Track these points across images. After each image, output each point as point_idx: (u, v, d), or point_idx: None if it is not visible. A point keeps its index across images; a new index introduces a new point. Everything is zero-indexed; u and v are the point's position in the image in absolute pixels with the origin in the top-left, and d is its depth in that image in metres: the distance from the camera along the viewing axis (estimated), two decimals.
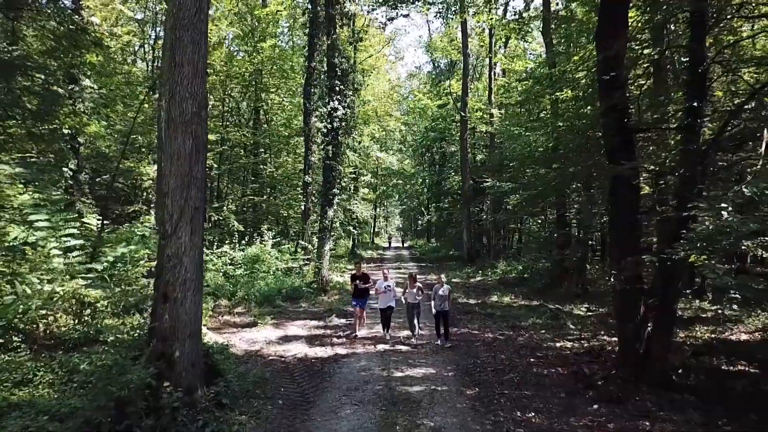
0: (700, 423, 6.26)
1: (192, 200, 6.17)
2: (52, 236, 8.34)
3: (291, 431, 6.07)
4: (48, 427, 5.48)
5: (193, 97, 6.18)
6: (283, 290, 15.89)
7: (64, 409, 5.90)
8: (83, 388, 7.01)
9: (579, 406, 7.00)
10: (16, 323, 8.61)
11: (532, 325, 12.39)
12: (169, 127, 6.22)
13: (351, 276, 11.68)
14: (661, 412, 6.60)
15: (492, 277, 22.11)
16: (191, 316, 6.19)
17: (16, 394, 6.67)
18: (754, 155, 6.58)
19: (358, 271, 11.35)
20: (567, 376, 8.33)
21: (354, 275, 11.40)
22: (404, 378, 8.11)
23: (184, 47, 6.15)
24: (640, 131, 7.69)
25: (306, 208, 19.28)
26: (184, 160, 6.13)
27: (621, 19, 7.65)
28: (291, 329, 11.60)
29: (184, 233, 6.10)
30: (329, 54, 17.84)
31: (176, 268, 6.08)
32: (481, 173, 26.81)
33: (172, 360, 5.98)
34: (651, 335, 7.60)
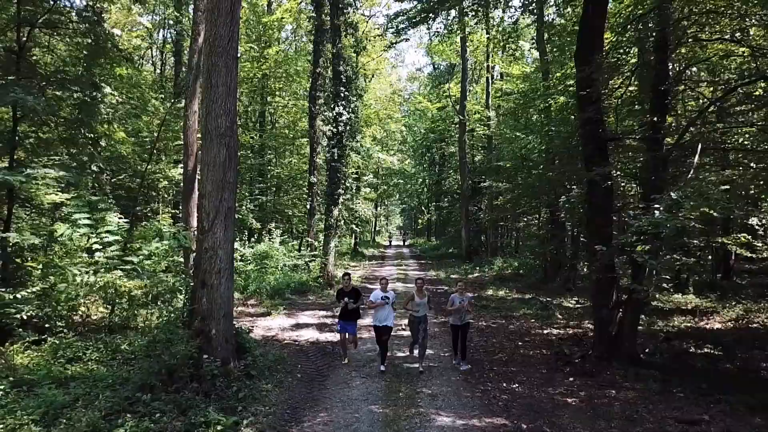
0: (657, 391, 7.34)
1: (226, 201, 7.25)
2: (92, 233, 9.42)
3: (309, 398, 7.15)
4: (106, 392, 6.57)
5: (227, 114, 7.26)
6: (291, 284, 16.98)
7: (116, 379, 7.02)
8: (127, 363, 8.14)
9: (557, 379, 8.09)
10: (59, 310, 9.71)
11: (523, 315, 13.50)
12: (206, 139, 7.30)
13: (337, 292, 9.19)
14: (626, 383, 7.70)
15: (489, 273, 23.16)
16: (225, 300, 7.29)
17: (69, 369, 7.77)
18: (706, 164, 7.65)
19: (347, 285, 8.95)
20: (549, 356, 9.42)
21: (341, 290, 8.97)
22: (405, 357, 9.19)
23: (218, 71, 7.23)
24: (612, 140, 8.76)
25: (311, 207, 20.35)
26: (219, 167, 7.21)
27: (597, 43, 8.72)
28: (302, 318, 12.69)
29: (219, 229, 7.18)
30: (335, 62, 18.90)
31: (212, 259, 7.17)
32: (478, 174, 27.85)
33: (209, 336, 7.08)
34: (622, 319, 8.69)
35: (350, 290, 8.87)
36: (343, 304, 8.71)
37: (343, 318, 8.81)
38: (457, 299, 8.48)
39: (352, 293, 8.80)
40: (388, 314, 8.39)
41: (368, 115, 30.49)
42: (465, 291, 8.82)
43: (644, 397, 7.12)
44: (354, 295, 8.77)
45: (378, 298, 8.44)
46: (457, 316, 8.45)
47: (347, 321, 8.80)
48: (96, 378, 7.11)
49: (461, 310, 8.39)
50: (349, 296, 8.70)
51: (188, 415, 5.96)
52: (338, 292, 9.10)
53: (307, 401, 6.95)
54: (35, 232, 9.66)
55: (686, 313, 13.99)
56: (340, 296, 8.89)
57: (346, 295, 8.76)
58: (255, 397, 6.81)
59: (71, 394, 6.47)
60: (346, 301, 8.68)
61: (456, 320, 8.48)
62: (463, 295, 8.58)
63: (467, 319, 8.61)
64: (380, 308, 8.32)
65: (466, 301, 8.56)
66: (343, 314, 8.79)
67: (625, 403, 6.94)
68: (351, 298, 8.69)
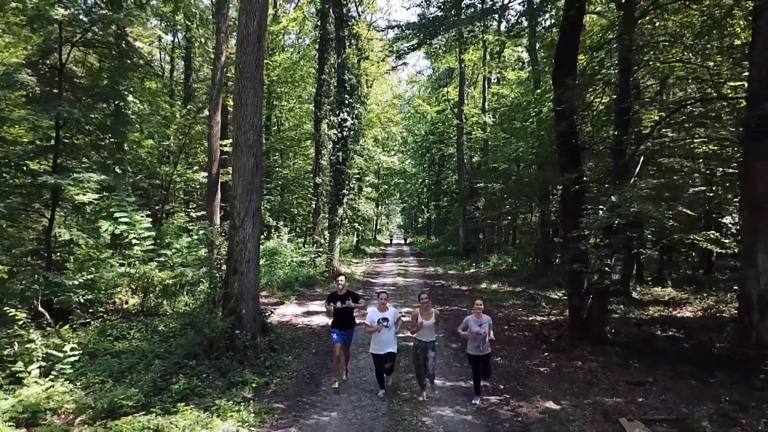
0: (617, 363, 8.70)
1: (253, 202, 8.62)
2: (131, 229, 10.78)
3: (324, 368, 8.51)
4: (156, 360, 7.94)
5: (254, 129, 8.62)
6: (299, 278, 18.35)
7: (161, 352, 8.39)
8: (165, 341, 9.49)
9: (534, 354, 9.46)
10: (100, 297, 11.08)
11: (512, 304, 14.86)
12: (236, 150, 8.66)
13: (329, 296, 7.74)
14: (591, 357, 9.06)
15: (484, 269, 24.51)
16: (252, 285, 8.66)
17: (117, 345, 9.14)
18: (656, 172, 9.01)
19: (340, 289, 7.66)
20: (530, 337, 10.79)
21: (333, 295, 7.67)
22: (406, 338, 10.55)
23: (247, 92, 8.58)
24: (583, 149, 10.10)
25: (317, 207, 21.73)
26: (247, 173, 8.58)
27: (571, 66, 10.06)
28: (312, 307, 14.06)
29: (248, 226, 8.55)
30: (339, 72, 20.25)
31: (242, 251, 8.54)
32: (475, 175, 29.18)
33: (240, 315, 8.45)
34: (591, 305, 10.04)
35: (344, 294, 7.56)
36: (335, 309, 7.42)
37: (338, 325, 7.44)
38: (473, 323, 6.85)
39: (346, 298, 7.52)
40: (389, 339, 6.95)
41: (370, 119, 31.85)
42: (480, 314, 6.92)
43: (604, 367, 8.48)
44: (350, 299, 7.55)
45: (375, 320, 6.99)
46: (474, 345, 6.83)
47: (341, 329, 7.44)
48: (143, 351, 8.49)
49: (479, 338, 6.75)
50: (342, 300, 7.49)
51: (227, 377, 7.34)
52: (330, 296, 7.68)
53: (323, 370, 8.32)
54: (81, 229, 11.03)
55: (662, 303, 15.34)
56: (332, 301, 7.54)
57: (339, 299, 7.50)
58: (279, 365, 8.19)
59: (126, 363, 7.85)
60: (338, 305, 7.42)
61: (473, 350, 6.87)
62: (480, 318, 6.87)
63: (487, 349, 6.88)
64: (383, 333, 6.93)
65: (486, 326, 6.79)
66: (337, 320, 7.47)
67: (587, 371, 8.32)
68: (344, 301, 7.48)
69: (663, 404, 6.83)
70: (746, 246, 7.48)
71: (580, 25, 9.96)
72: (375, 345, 7.07)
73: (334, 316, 7.58)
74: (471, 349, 6.97)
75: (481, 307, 6.96)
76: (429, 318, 7.00)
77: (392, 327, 7.03)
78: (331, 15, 20.69)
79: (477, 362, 6.95)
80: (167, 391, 6.79)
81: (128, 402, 6.20)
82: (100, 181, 11.13)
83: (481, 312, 6.93)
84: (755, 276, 7.20)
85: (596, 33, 11.57)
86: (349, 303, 7.53)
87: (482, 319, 6.91)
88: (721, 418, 6.19)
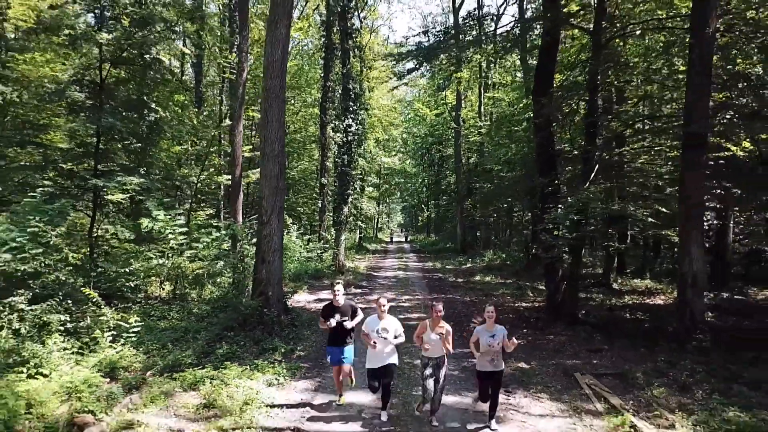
0: (583, 337, 10.36)
1: (278, 202, 10.28)
2: (168, 226, 12.44)
3: None
4: (200, 332, 9.59)
5: (278, 141, 10.28)
6: (308, 271, 20.02)
7: (200, 327, 10.04)
8: (200, 320, 11.12)
9: (515, 331, 11.07)
10: (137, 285, 12.74)
11: (501, 293, 16.54)
12: (264, 159, 10.31)
13: (323, 308, 6.59)
14: (562, 333, 10.72)
15: (480, 264, 26.17)
16: (277, 271, 10.33)
17: (160, 324, 10.79)
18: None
19: (336, 298, 6.48)
20: (514, 319, 12.45)
21: (329, 306, 6.54)
22: (408, 308, 12.20)
23: (272, 111, 10.24)
24: (558, 156, 11.74)
25: (323, 205, 23.42)
26: (273, 178, 10.24)
27: (548, 84, 11.71)
28: (322, 295, 15.74)
29: (274, 222, 10.22)
30: (344, 81, 21.90)
31: (269, 243, 10.20)
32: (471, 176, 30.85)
33: (267, 297, 10.12)
34: (564, 290, 11.71)
35: (341, 305, 6.37)
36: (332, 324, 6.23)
37: (334, 343, 6.38)
38: (485, 335, 5.80)
39: (342, 309, 6.35)
40: (389, 353, 6.04)
41: (372, 123, 33.52)
42: (492, 321, 5.88)
43: (572, 340, 10.15)
44: (348, 313, 6.41)
45: (374, 329, 6.01)
46: (486, 359, 5.79)
47: (337, 347, 6.37)
48: (185, 328, 10.14)
49: (492, 352, 5.75)
50: (339, 313, 6.30)
51: (260, 344, 9.01)
52: (324, 308, 6.47)
53: None
54: (123, 225, 12.70)
55: (638, 293, 16.99)
56: (328, 314, 6.32)
57: (338, 312, 6.30)
58: (300, 337, 9.87)
59: (175, 335, 9.50)
60: (337, 320, 6.22)
61: (484, 365, 5.81)
62: (492, 328, 5.84)
63: (502, 364, 5.87)
64: (379, 345, 5.94)
65: (500, 337, 5.78)
66: (334, 337, 6.38)
67: (557, 343, 9.99)
68: (341, 314, 6.29)
69: (612, 364, 8.50)
70: (682, 238, 9.14)
71: (555, 51, 11.60)
72: (371, 359, 6.02)
73: (329, 334, 6.33)
74: (481, 365, 5.79)
75: (493, 314, 5.82)
76: (438, 330, 5.82)
77: (395, 337, 6.00)
78: (336, 26, 22.33)
79: (487, 380, 5.82)
80: (213, 354, 8.47)
81: (187, 359, 7.88)
82: (138, 184, 12.81)
83: (493, 320, 5.82)
84: (689, 262, 8.86)
85: (572, 53, 13.23)
86: (346, 322, 6.28)
87: (495, 329, 5.78)
88: (654, 372, 7.85)
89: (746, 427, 5.69)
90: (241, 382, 7.24)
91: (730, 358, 8.31)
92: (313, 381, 7.73)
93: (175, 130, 15.67)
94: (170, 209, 13.23)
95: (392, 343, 6.02)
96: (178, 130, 14.79)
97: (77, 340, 8.60)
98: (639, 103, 12.40)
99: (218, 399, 6.59)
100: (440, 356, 5.95)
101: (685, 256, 8.95)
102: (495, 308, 6.01)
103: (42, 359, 7.36)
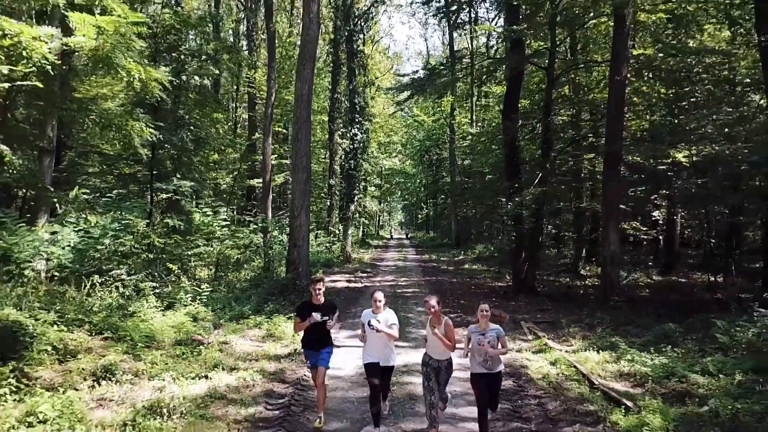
0: (536, 303, 13.66)
1: (305, 202, 13.61)
2: (214, 220, 15.76)
3: (350, 304, 13.48)
4: (250, 297, 12.93)
5: (306, 155, 13.60)
6: (320, 261, 23.36)
7: (247, 295, 13.35)
8: (245, 292, 14.42)
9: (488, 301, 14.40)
10: (186, 269, 16.07)
11: (483, 276, 19.88)
12: (294, 168, 13.64)
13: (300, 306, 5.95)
14: (522, 301, 14.03)
15: (471, 256, 29.52)
16: (305, 253, 13.66)
17: (214, 295, 14.11)
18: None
19: (316, 294, 5.82)
20: (488, 292, 15.79)
21: (306, 304, 5.86)
22: (404, 285, 15.53)
23: (301, 132, 13.55)
24: (521, 164, 15.04)
25: (331, 204, 26.77)
26: (301, 183, 13.56)
27: (514, 109, 15.00)
28: (334, 277, 19.08)
29: (302, 216, 13.54)
30: (351, 96, 25.24)
31: (299, 232, 13.53)
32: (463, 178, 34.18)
33: (298, 272, 13.45)
34: (527, 269, 15.02)
35: (322, 304, 5.78)
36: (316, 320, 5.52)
37: (312, 345, 5.78)
38: (476, 334, 5.26)
39: (321, 307, 5.71)
40: (387, 350, 5.57)
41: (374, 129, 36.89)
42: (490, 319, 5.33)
43: (528, 305, 13.47)
44: (328, 310, 5.73)
45: (367, 320, 5.54)
46: (479, 360, 5.27)
47: (314, 350, 5.76)
48: (235, 297, 13.44)
49: (482, 352, 5.20)
50: (322, 313, 5.62)
51: (295, 304, 12.28)
52: (301, 306, 5.92)
53: (349, 305, 13.34)
54: (179, 219, 16.02)
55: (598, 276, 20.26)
56: (304, 312, 5.69)
57: (316, 310, 5.64)
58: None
59: (231, 299, 12.81)
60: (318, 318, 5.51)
61: (478, 366, 5.28)
62: (485, 327, 5.27)
63: (499, 366, 5.36)
64: (372, 338, 5.49)
65: (491, 338, 5.21)
66: (311, 338, 5.77)
67: (516, 307, 13.30)
68: (320, 313, 5.59)
69: (550, 317, 11.81)
70: (604, 230, 12.45)
71: (519, 83, 14.91)
72: (368, 353, 5.53)
73: (306, 333, 5.71)
74: (476, 367, 5.25)
75: (487, 313, 5.25)
76: (438, 327, 5.22)
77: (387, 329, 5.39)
78: (343, 47, 25.64)
79: (483, 383, 5.19)
80: (263, 310, 11.79)
81: (247, 312, 11.22)
82: (191, 186, 16.16)
83: (487, 319, 5.24)
84: (608, 246, 12.18)
85: (535, 82, 16.56)
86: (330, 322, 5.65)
87: (488, 329, 5.22)
88: (575, 321, 11.17)
89: (615, 344, 8.97)
90: (286, 325, 10.57)
91: (633, 313, 11.61)
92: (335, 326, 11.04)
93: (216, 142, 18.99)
94: (216, 206, 16.60)
95: (384, 331, 5.33)
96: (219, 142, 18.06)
97: (164, 301, 11.94)
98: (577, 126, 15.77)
99: (275, 332, 9.94)
100: (447, 358, 5.32)
101: (606, 243, 12.27)
102: (490, 306, 5.33)
103: (143, 312, 10.64)
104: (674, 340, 9.03)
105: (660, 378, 7.16)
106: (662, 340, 9.06)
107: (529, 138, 15.47)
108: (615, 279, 12.32)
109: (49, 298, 9.63)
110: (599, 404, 6.30)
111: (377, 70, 38.58)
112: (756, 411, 5.69)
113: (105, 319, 9.05)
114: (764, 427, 5.47)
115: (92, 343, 8.25)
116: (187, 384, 6.76)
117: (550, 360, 8.38)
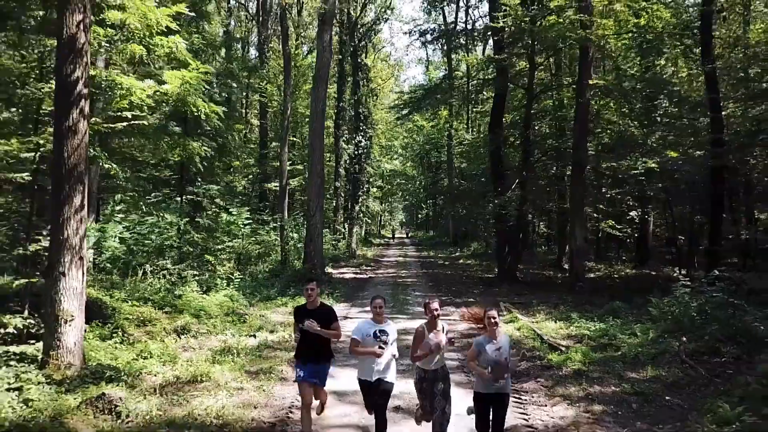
0: (516, 289, 16.01)
1: (320, 203, 16.01)
2: (239, 219, 18.14)
3: (358, 290, 15.84)
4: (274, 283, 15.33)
5: (320, 163, 15.99)
6: (327, 256, 25.72)
7: (270, 282, 15.74)
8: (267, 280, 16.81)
9: (475, 287, 16.80)
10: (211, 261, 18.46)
11: (475, 270, 22.26)
12: (310, 174, 16.02)
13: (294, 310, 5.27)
14: (505, 288, 16.38)
15: (466, 252, 31.90)
16: (320, 247, 16.08)
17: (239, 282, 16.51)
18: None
19: (311, 298, 4.97)
20: (476, 281, 18.15)
21: (301, 308, 5.10)
22: (405, 276, 17.89)
23: (316, 143, 15.93)
24: (507, 171, 17.38)
25: (337, 204, 29.15)
26: (316, 187, 15.94)
27: (499, 122, 17.36)
28: (342, 270, 21.47)
29: (317, 215, 15.93)
30: (355, 106, 27.62)
31: (314, 230, 15.92)
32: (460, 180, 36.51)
33: (314, 263, 15.84)
34: (510, 260, 17.38)
35: (317, 309, 4.99)
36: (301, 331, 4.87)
37: (307, 356, 4.99)
38: (489, 347, 4.41)
39: (317, 313, 4.92)
40: (386, 363, 4.73)
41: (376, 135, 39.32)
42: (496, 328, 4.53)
43: (508, 291, 15.81)
44: (322, 317, 4.88)
45: (367, 334, 4.70)
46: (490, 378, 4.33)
47: (307, 365, 4.97)
48: (259, 284, 15.82)
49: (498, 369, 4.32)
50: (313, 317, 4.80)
51: None
52: (295, 311, 5.20)
53: (358, 291, 15.71)
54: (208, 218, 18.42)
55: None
56: (300, 317, 4.94)
57: (310, 315, 4.87)
58: (336, 288, 15.57)
59: (259, 282, 15.21)
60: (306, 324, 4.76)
61: (482, 386, 4.43)
62: (497, 338, 4.49)
63: (508, 384, 4.58)
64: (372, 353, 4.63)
65: (507, 349, 4.50)
66: (305, 348, 4.99)
67: (499, 292, 15.66)
68: (316, 320, 4.78)
69: (526, 299, 14.16)
70: (571, 226, 14.81)
71: (504, 100, 17.29)
72: (365, 370, 4.76)
73: (300, 342, 5.03)
74: (481, 386, 4.44)
75: (496, 320, 4.53)
76: (437, 335, 4.62)
77: (392, 345, 4.74)
78: (347, 52, 27.99)
79: (487, 404, 4.42)
80: (286, 294, 14.17)
81: (273, 295, 13.60)
82: (218, 190, 18.57)
83: (496, 328, 4.52)
84: (575, 240, 14.55)
85: (518, 98, 18.95)
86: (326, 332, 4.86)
87: (500, 339, 4.51)
88: (545, 302, 13.51)
89: (570, 317, 11.30)
90: None
91: (593, 296, 13.96)
92: (347, 305, 13.41)
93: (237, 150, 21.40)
94: (241, 207, 19.00)
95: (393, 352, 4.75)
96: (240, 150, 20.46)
97: (203, 286, 14.32)
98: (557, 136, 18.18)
99: None
100: (442, 367, 4.77)
101: (572, 237, 14.65)
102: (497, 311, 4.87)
103: (187, 295, 12.98)
104: (618, 314, 11.38)
105: (595, 337, 9.51)
106: (609, 314, 11.41)
107: (516, 146, 17.82)
108: (580, 268, 14.69)
109: (110, 283, 12.01)
110: (544, 350, 8.68)
111: (379, 78, 40.98)
112: (651, 353, 8.05)
113: (163, 298, 11.41)
114: (656, 362, 7.81)
115: (159, 315, 10.61)
116: (243, 339, 9.15)
117: (516, 327, 10.75)
